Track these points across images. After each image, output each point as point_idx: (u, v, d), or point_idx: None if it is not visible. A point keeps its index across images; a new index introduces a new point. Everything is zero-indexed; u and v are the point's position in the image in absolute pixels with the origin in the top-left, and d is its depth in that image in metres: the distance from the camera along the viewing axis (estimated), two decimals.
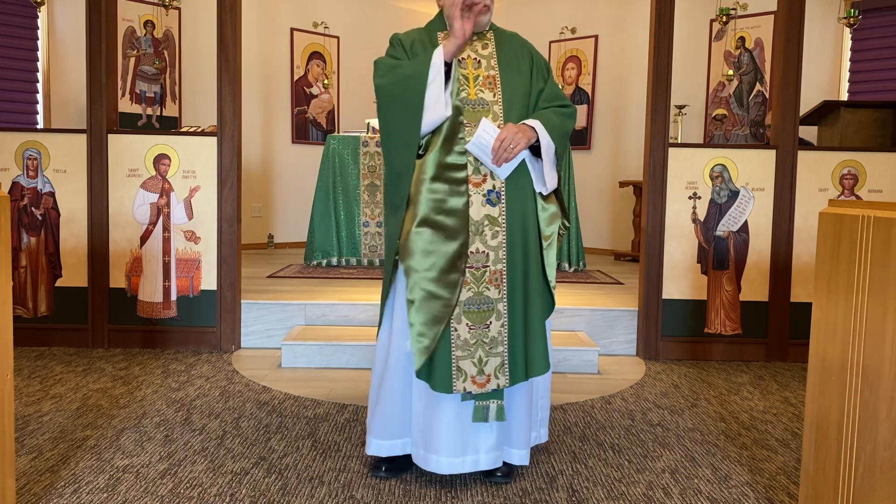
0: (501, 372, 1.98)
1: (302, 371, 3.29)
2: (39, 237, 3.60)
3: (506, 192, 1.98)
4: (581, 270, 5.16)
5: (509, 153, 1.91)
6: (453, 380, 1.95)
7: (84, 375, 3.14)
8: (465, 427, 2.00)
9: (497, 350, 1.98)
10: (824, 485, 1.61)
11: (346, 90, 6.95)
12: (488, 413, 1.99)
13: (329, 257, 5.13)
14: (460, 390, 1.95)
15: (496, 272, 1.98)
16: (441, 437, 1.99)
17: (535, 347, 2.02)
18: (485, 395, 1.98)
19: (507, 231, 1.98)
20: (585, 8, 6.67)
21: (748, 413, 2.81)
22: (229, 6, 3.54)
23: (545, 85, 2.11)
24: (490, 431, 2.02)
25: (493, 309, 1.98)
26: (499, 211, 1.98)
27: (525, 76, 2.08)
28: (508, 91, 2.03)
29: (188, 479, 2.09)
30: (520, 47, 2.13)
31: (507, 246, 1.98)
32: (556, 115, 2.04)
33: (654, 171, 3.58)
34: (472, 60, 2.05)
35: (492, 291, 1.98)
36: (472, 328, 1.96)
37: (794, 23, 3.54)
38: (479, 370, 1.97)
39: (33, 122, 5.48)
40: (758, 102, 5.75)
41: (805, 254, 3.61)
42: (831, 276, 1.59)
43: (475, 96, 2.00)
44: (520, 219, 2.00)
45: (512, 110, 2.01)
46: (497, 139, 1.90)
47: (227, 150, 3.57)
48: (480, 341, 1.97)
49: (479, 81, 2.02)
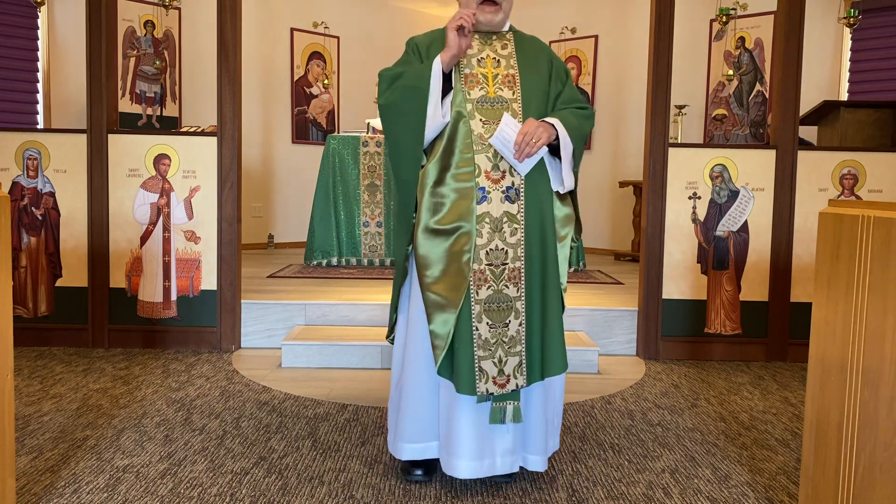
0: (519, 371, 1.97)
1: (302, 371, 3.29)
2: (39, 237, 3.60)
3: (525, 189, 1.99)
4: (581, 270, 5.16)
5: (532, 147, 1.90)
6: (476, 381, 1.93)
7: (84, 375, 3.14)
8: (483, 430, 1.98)
9: (516, 349, 1.97)
10: (824, 485, 1.61)
11: (346, 90, 6.95)
12: (505, 415, 1.97)
13: (329, 257, 5.13)
14: (483, 392, 1.94)
15: (515, 270, 1.97)
16: (461, 441, 1.97)
17: (553, 346, 2.01)
18: (504, 396, 1.97)
19: (526, 229, 1.98)
20: (585, 8, 6.67)
21: (748, 413, 2.81)
22: (229, 6, 3.54)
23: (563, 88, 2.11)
24: (506, 434, 2.01)
25: (512, 307, 1.97)
26: (517, 208, 1.98)
27: (544, 78, 2.08)
28: (527, 90, 2.04)
29: (188, 479, 2.09)
30: (539, 50, 2.14)
31: (525, 244, 1.98)
32: (574, 116, 2.05)
33: (654, 171, 3.58)
34: (492, 60, 2.06)
35: (510, 289, 1.97)
36: (493, 327, 1.96)
37: (794, 23, 3.54)
38: (499, 370, 1.96)
39: (33, 122, 5.48)
40: (758, 102, 5.75)
41: (805, 254, 3.61)
42: (831, 276, 1.59)
43: (494, 94, 2.01)
44: (538, 217, 2.00)
45: (530, 109, 2.02)
46: (520, 133, 1.90)
47: (227, 150, 3.57)
48: (500, 341, 1.96)
49: (497, 80, 2.03)
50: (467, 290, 1.94)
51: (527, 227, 1.98)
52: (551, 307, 2.02)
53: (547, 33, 6.82)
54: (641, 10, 6.02)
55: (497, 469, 2.01)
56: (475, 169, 1.96)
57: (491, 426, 1.99)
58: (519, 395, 1.99)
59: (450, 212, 1.95)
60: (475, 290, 1.95)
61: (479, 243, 1.95)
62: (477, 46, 2.08)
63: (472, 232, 1.94)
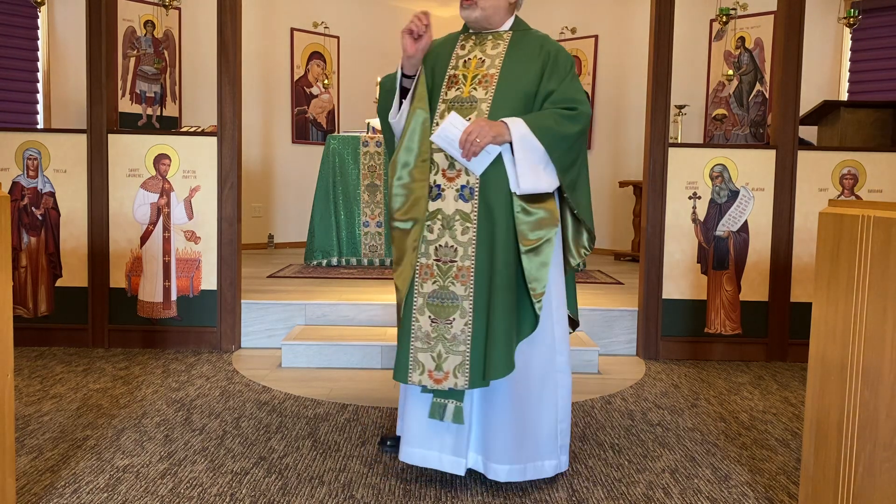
0: (461, 371, 1.95)
1: (302, 371, 3.29)
2: (39, 237, 3.60)
3: (480, 189, 1.96)
4: (581, 270, 5.14)
5: (475, 146, 1.88)
6: (409, 371, 1.99)
7: (84, 375, 3.14)
8: (431, 423, 2.02)
9: (458, 349, 1.96)
10: (824, 485, 1.61)
11: (346, 90, 6.95)
12: (445, 412, 1.98)
13: (329, 257, 5.13)
14: (416, 382, 1.98)
15: (464, 268, 1.96)
16: (410, 428, 2.05)
17: (496, 350, 1.93)
18: (442, 392, 1.98)
19: (479, 228, 1.96)
20: (585, 8, 6.67)
21: (748, 413, 2.81)
22: (229, 6, 3.54)
23: (559, 86, 2.02)
24: (446, 433, 2.00)
25: (458, 306, 1.96)
26: (471, 207, 1.97)
27: (532, 77, 2.03)
28: (502, 90, 2.00)
29: (188, 479, 2.09)
30: (538, 48, 2.08)
31: (476, 243, 1.96)
32: (551, 116, 1.98)
33: (654, 171, 3.58)
34: (477, 60, 2.07)
35: (457, 287, 1.97)
36: (435, 322, 1.98)
37: (794, 23, 3.54)
38: (436, 365, 1.97)
39: (33, 122, 5.48)
40: (758, 102, 5.75)
41: (805, 254, 3.61)
42: (831, 276, 1.59)
43: (468, 94, 2.03)
44: (493, 217, 1.96)
45: (502, 109, 1.98)
46: (464, 132, 1.89)
47: (227, 150, 3.57)
48: (442, 336, 1.97)
49: (476, 80, 2.03)
50: (413, 282, 2.01)
51: (479, 227, 1.96)
52: (499, 311, 1.94)
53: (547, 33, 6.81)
54: (641, 10, 6.02)
55: (444, 466, 2.01)
56: (432, 166, 2.01)
57: (435, 421, 2.01)
58: (462, 395, 1.97)
59: (408, 206, 2.01)
60: (420, 283, 2.00)
61: (430, 238, 2.00)
62: (468, 47, 2.11)
63: (422, 227, 2.00)
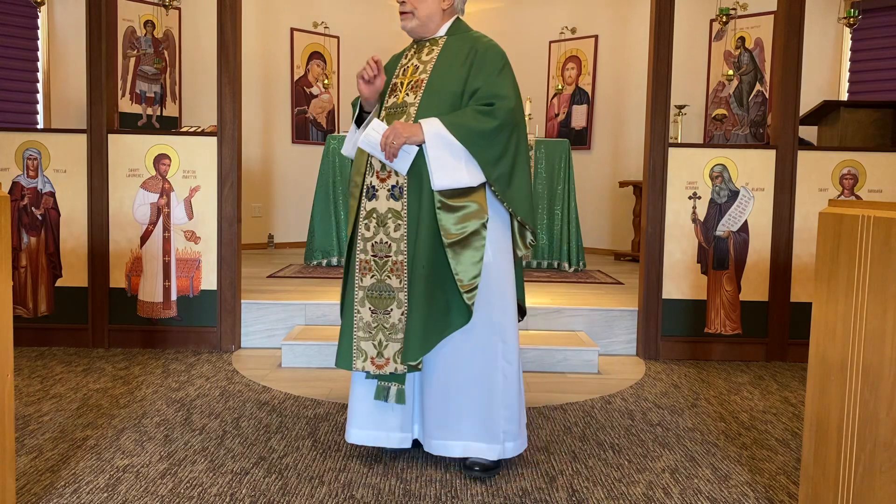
0: (400, 357, 2.12)
1: (302, 371, 3.29)
2: (39, 237, 3.60)
3: (408, 188, 2.09)
4: (581, 270, 5.16)
5: (392, 148, 2.01)
6: (353, 358, 2.15)
7: (84, 375, 3.14)
8: (375, 404, 2.19)
9: (397, 336, 2.12)
10: (824, 485, 1.61)
11: (346, 90, 6.94)
12: (388, 394, 2.16)
13: (329, 257, 5.13)
14: (359, 369, 2.15)
15: (397, 263, 2.12)
16: (355, 411, 2.21)
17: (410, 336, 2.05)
18: (384, 376, 2.16)
19: (408, 225, 2.09)
20: (585, 8, 6.67)
21: (748, 413, 2.81)
22: (229, 6, 3.54)
23: (483, 84, 2.07)
24: (394, 413, 2.19)
25: (395, 297, 2.12)
26: (401, 205, 2.11)
27: (459, 78, 2.10)
28: (430, 93, 2.11)
29: (188, 479, 2.09)
30: (469, 49, 2.13)
31: (407, 239, 2.10)
32: (469, 112, 2.04)
33: (654, 171, 3.58)
34: (413, 67, 2.21)
35: (393, 280, 2.12)
36: (375, 313, 2.15)
37: (794, 23, 3.54)
38: (378, 353, 2.14)
39: (33, 122, 5.48)
40: (758, 102, 5.75)
41: (805, 254, 3.61)
42: (831, 275, 1.59)
43: (402, 100, 2.15)
44: (419, 214, 2.07)
45: (429, 111, 2.07)
46: (383, 136, 2.03)
47: (227, 150, 3.57)
48: (382, 326, 2.14)
49: (409, 86, 2.16)
50: (353, 277, 2.17)
51: (409, 224, 2.09)
52: (415, 299, 2.05)
53: (547, 33, 6.82)
54: (641, 10, 6.03)
55: (392, 443, 2.19)
56: (368, 169, 2.17)
57: (381, 403, 2.18)
58: (403, 378, 2.15)
59: (352, 207, 2.21)
60: (360, 278, 2.16)
61: (367, 236, 2.15)
62: (409, 56, 2.25)
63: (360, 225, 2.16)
